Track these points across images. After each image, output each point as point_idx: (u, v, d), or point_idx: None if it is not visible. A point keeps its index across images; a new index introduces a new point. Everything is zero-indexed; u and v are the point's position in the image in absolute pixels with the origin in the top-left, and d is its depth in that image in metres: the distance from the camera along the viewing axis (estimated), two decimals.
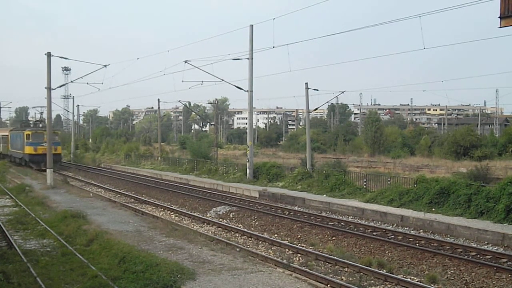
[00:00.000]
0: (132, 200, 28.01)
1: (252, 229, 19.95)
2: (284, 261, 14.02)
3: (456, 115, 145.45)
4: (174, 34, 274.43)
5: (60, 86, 44.09)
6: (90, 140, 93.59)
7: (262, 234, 18.73)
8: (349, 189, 25.77)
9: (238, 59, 32.77)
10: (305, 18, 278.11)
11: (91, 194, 28.85)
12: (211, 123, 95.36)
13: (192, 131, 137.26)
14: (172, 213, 23.71)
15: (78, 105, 75.73)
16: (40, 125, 49.19)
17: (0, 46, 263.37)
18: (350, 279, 12.72)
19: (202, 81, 35.68)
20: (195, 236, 16.77)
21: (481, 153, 52.43)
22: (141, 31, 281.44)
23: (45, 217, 20.03)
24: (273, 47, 30.35)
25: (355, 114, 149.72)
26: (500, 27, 10.65)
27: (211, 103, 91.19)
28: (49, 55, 32.17)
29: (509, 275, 12.64)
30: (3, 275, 11.41)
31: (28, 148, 46.17)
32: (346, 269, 13.61)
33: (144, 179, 38.56)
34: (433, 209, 20.18)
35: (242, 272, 11.91)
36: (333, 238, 17.62)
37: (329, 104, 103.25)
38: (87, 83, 36.80)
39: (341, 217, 21.00)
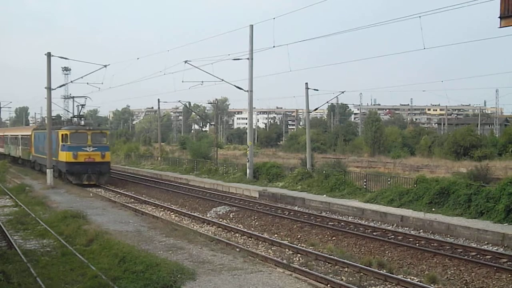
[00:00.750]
0: (132, 200, 28.02)
1: (252, 229, 19.95)
2: (284, 261, 14.03)
3: (456, 115, 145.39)
4: (174, 34, 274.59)
5: (60, 86, 43.93)
6: None
7: (262, 234, 18.73)
8: (349, 189, 25.75)
9: (238, 59, 32.78)
10: (305, 18, 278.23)
11: (91, 194, 28.82)
12: (211, 123, 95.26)
13: (192, 131, 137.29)
14: (172, 213, 23.71)
15: (78, 105, 75.60)
16: (82, 123, 34.76)
17: (0, 46, 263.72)
18: (350, 279, 12.72)
19: (202, 81, 35.75)
20: (195, 236, 16.77)
21: (481, 153, 52.47)
22: (141, 31, 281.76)
23: (45, 217, 20.02)
24: (273, 47, 30.35)
25: (355, 114, 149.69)
26: (500, 27, 10.65)
27: (211, 103, 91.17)
28: (49, 55, 32.19)
29: (509, 275, 12.64)
30: (3, 275, 11.42)
31: (65, 154, 32.59)
32: (346, 269, 13.61)
33: (144, 179, 38.56)
34: (433, 209, 20.16)
35: (242, 272, 11.90)
36: (333, 238, 17.63)
37: (329, 104, 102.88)
38: (87, 83, 36.74)
39: (341, 217, 20.99)
